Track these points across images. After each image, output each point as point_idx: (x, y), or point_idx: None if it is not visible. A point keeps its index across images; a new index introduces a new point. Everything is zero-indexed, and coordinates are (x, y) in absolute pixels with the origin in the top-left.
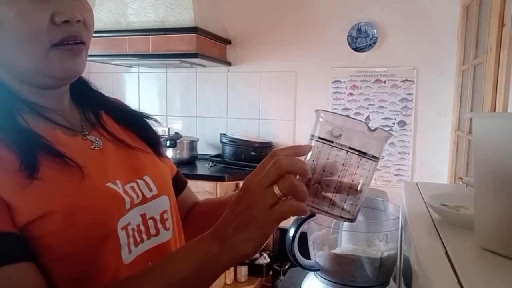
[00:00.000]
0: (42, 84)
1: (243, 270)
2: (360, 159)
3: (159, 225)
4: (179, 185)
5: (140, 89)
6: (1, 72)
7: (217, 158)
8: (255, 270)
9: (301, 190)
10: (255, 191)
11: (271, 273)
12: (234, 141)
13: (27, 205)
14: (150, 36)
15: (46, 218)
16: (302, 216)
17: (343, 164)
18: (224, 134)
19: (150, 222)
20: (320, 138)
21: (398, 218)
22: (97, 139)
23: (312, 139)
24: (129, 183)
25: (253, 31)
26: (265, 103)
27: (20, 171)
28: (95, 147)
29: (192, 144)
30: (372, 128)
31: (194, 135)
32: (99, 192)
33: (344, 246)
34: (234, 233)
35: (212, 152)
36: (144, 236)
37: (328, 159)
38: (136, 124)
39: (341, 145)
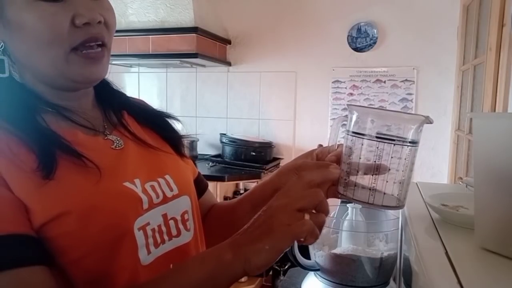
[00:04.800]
0: (64, 87)
1: None
2: (397, 146)
3: (180, 226)
4: (200, 187)
5: (140, 89)
6: (26, 74)
7: (217, 158)
8: None
9: (323, 224)
10: (283, 208)
11: (271, 273)
12: (234, 141)
13: (42, 206)
14: (150, 36)
15: (61, 219)
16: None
17: (379, 154)
18: (224, 134)
19: (171, 222)
20: (354, 132)
21: (398, 218)
22: (118, 138)
23: (348, 134)
24: (149, 181)
25: (253, 31)
26: (265, 103)
27: (37, 171)
28: (116, 146)
29: (192, 144)
30: (430, 121)
31: (194, 135)
32: (114, 192)
33: (344, 246)
34: (249, 242)
35: (212, 152)
36: (165, 237)
37: (364, 151)
38: (158, 124)
39: (374, 136)
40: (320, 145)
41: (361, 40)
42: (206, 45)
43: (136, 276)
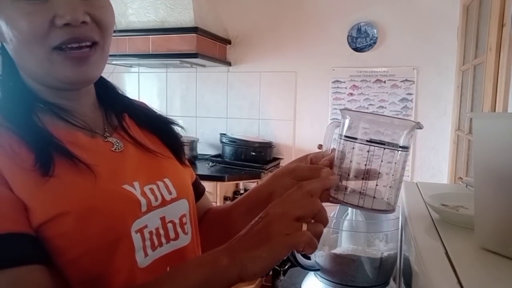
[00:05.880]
0: (56, 87)
1: None
2: (388, 151)
3: (178, 229)
4: (197, 191)
5: (140, 89)
6: (22, 73)
7: (217, 158)
8: None
9: (321, 234)
10: (282, 217)
11: (271, 273)
12: (234, 141)
13: (42, 205)
14: (150, 36)
15: (59, 219)
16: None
17: (369, 158)
18: (224, 134)
19: (170, 225)
20: (346, 136)
21: (398, 218)
22: (118, 141)
23: (341, 139)
24: (149, 184)
25: (253, 31)
26: (265, 103)
27: (35, 168)
28: (115, 149)
29: (192, 144)
30: (420, 126)
31: (194, 135)
32: (113, 194)
33: (344, 246)
34: (246, 249)
35: (212, 152)
36: (163, 240)
37: (357, 156)
38: (159, 129)
39: (366, 140)
40: (320, 145)
41: (361, 40)
42: (206, 45)
43: (133, 278)
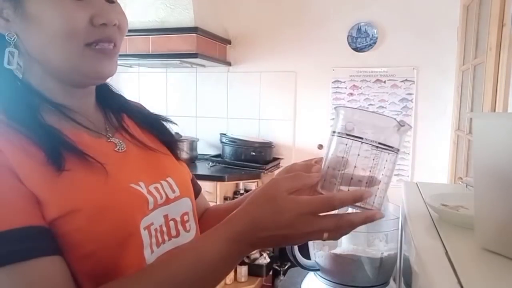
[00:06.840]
0: (74, 82)
1: (243, 270)
2: (379, 151)
3: (180, 227)
4: (194, 190)
5: (140, 89)
6: (35, 69)
7: (217, 158)
8: (255, 270)
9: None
10: (306, 227)
11: (271, 273)
12: (234, 141)
13: (56, 200)
14: (150, 36)
15: (72, 215)
16: None
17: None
18: (224, 134)
19: (171, 223)
20: (339, 133)
21: (398, 218)
22: (120, 141)
23: (333, 135)
24: (153, 184)
25: (253, 31)
26: (265, 103)
27: (47, 164)
28: (118, 149)
29: (192, 144)
30: (402, 124)
31: (194, 135)
32: (123, 191)
33: (344, 246)
34: (267, 244)
35: (212, 152)
36: (166, 237)
37: (349, 153)
38: (155, 128)
39: (358, 137)
40: (321, 145)
41: (361, 40)
42: (206, 45)
43: None
